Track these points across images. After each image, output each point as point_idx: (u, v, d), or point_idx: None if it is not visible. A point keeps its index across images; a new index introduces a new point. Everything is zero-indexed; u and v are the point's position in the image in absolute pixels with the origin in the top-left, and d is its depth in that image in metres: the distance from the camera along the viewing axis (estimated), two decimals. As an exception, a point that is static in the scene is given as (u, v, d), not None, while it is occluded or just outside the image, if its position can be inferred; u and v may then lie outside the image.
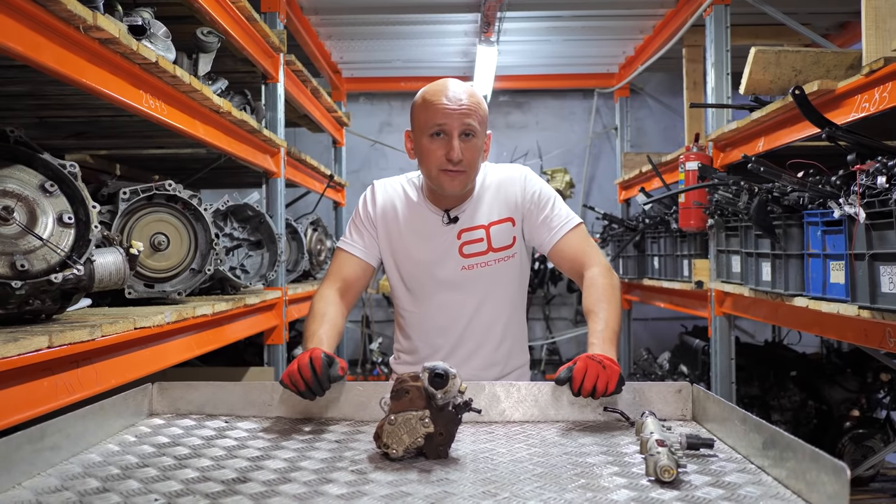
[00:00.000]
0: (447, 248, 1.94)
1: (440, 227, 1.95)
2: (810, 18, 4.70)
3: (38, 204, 1.76)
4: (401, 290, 2.01)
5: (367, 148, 6.95)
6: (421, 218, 1.96)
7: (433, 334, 1.98)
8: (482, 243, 1.94)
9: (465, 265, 1.94)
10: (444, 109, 1.81)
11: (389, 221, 1.98)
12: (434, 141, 1.83)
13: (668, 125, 6.81)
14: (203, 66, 2.68)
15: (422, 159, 1.88)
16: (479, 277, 1.94)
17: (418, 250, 1.96)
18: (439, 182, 1.86)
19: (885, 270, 2.14)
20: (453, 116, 1.81)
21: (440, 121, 1.81)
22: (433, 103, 1.83)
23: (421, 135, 1.86)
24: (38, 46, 1.67)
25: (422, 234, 1.96)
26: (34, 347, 1.55)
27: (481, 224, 1.94)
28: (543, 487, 1.18)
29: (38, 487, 1.17)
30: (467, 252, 1.94)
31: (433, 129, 1.82)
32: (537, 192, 1.96)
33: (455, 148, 1.80)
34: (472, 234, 1.94)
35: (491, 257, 1.94)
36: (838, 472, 0.99)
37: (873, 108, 2.39)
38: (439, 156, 1.83)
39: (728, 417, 1.43)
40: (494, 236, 1.94)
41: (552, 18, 5.26)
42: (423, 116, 1.85)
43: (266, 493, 1.15)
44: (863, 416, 4.02)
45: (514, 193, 1.96)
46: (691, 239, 4.19)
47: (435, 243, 1.95)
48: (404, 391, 1.35)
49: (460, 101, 1.82)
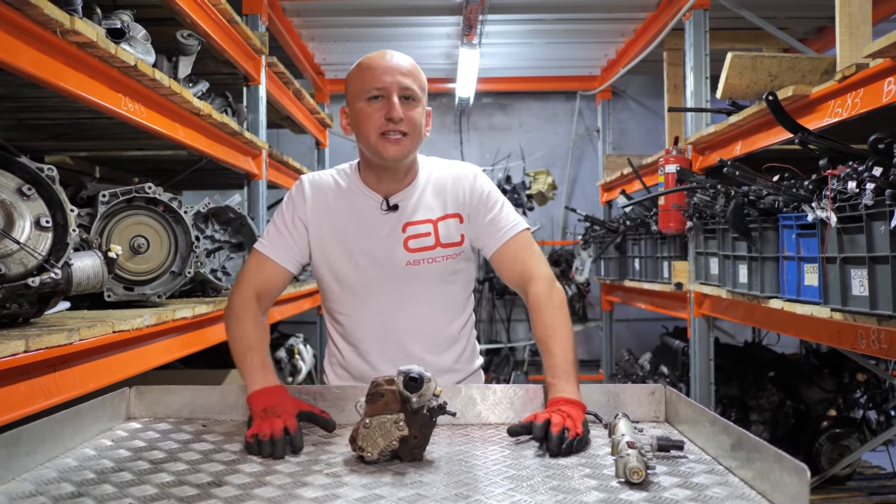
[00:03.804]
0: (390, 241, 1.81)
1: (379, 216, 1.82)
2: (788, 23, 4.76)
3: (16, 207, 1.76)
4: (335, 292, 1.85)
5: (350, 149, 6.94)
6: (357, 206, 1.83)
7: (374, 340, 1.83)
8: (429, 237, 1.82)
9: (411, 260, 1.80)
10: (383, 71, 1.72)
11: (322, 216, 1.83)
12: (372, 104, 1.72)
13: (650, 127, 6.86)
14: (183, 69, 2.69)
15: (359, 127, 1.76)
16: (426, 274, 1.82)
17: (357, 242, 1.81)
18: (379, 149, 1.73)
19: (856, 273, 2.18)
20: (392, 77, 1.72)
21: (378, 83, 1.71)
22: (370, 66, 1.74)
23: (357, 100, 1.75)
24: (15, 50, 1.67)
25: (360, 224, 1.82)
26: (10, 352, 1.55)
27: (428, 218, 1.83)
28: (515, 489, 1.19)
29: (12, 492, 1.17)
30: (413, 246, 1.81)
31: (370, 93, 1.72)
32: (486, 192, 1.86)
33: (395, 106, 1.70)
34: (418, 228, 1.82)
35: (439, 253, 1.82)
36: (800, 472, 1.01)
37: (846, 113, 2.43)
38: (377, 118, 1.71)
39: (699, 419, 1.45)
40: (442, 232, 1.82)
41: (534, 21, 5.29)
42: (358, 82, 1.75)
43: (241, 497, 1.16)
44: (840, 415, 4.07)
45: (462, 190, 1.86)
46: (671, 241, 4.23)
47: (375, 234, 1.81)
48: (379, 395, 1.37)
49: (399, 64, 1.74)
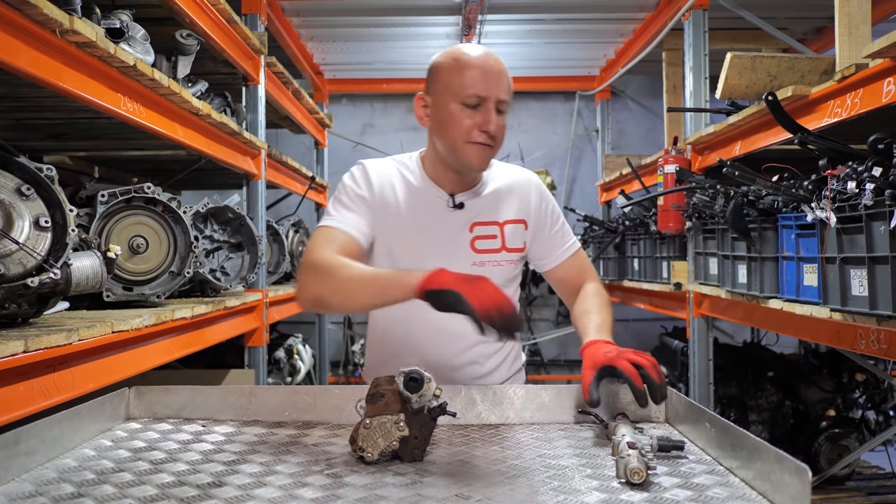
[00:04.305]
0: (456, 239, 1.76)
1: (445, 213, 1.76)
2: (787, 23, 4.76)
3: (15, 207, 1.76)
4: None
5: (349, 149, 6.95)
6: (424, 201, 1.75)
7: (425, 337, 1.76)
8: (496, 240, 1.78)
9: (477, 261, 1.76)
10: (485, 76, 1.62)
11: (389, 205, 1.74)
12: (466, 110, 1.63)
13: (649, 127, 6.87)
14: (182, 69, 2.68)
15: (444, 127, 1.67)
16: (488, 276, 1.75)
17: (422, 238, 1.74)
18: (463, 155, 1.66)
19: (855, 274, 2.18)
20: (495, 86, 1.63)
21: (479, 91, 1.62)
22: (471, 66, 1.63)
23: (449, 100, 1.64)
24: (14, 50, 1.67)
25: (426, 219, 1.75)
26: (10, 352, 1.55)
27: (495, 220, 1.79)
28: (516, 490, 1.19)
29: (12, 493, 1.17)
30: (480, 247, 1.77)
31: (470, 99, 1.62)
32: (551, 204, 1.87)
33: (493, 119, 1.63)
34: (486, 230, 1.78)
35: (503, 257, 1.79)
36: (801, 473, 1.01)
37: (845, 113, 2.44)
38: (469, 126, 1.63)
39: (699, 420, 1.45)
40: (508, 235, 1.79)
41: (533, 21, 5.29)
42: (457, 80, 1.63)
43: (241, 497, 1.16)
44: (839, 415, 4.08)
45: (529, 198, 1.83)
46: (670, 241, 4.23)
47: (441, 231, 1.75)
48: (380, 395, 1.36)
49: (500, 71, 1.65)
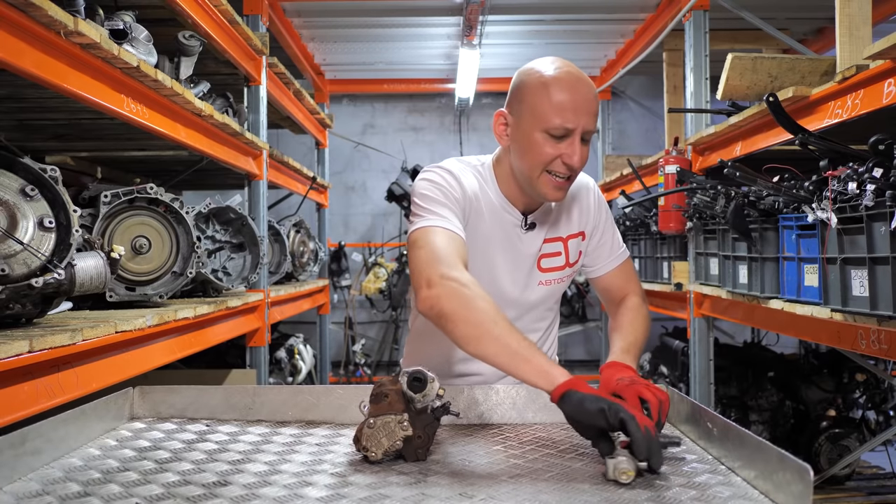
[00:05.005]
0: (526, 261, 1.68)
1: (521, 235, 1.68)
2: (788, 24, 4.77)
3: (19, 208, 1.76)
4: None
5: (350, 149, 6.96)
6: (500, 219, 1.66)
7: None
8: (560, 257, 1.71)
9: (543, 280, 1.70)
10: (576, 107, 1.51)
11: (474, 216, 1.63)
12: (550, 140, 1.52)
13: (650, 128, 6.88)
14: (185, 70, 2.69)
15: (525, 154, 1.56)
16: (550, 295, 1.72)
17: (494, 256, 1.66)
18: (539, 185, 1.57)
19: (856, 274, 2.19)
20: (584, 118, 1.52)
21: (568, 123, 1.51)
22: (562, 92, 1.51)
23: (534, 127, 1.53)
24: (18, 51, 1.68)
25: (500, 238, 1.67)
26: (14, 352, 1.55)
27: (560, 236, 1.71)
28: (519, 489, 1.20)
29: (18, 492, 1.17)
30: (545, 266, 1.70)
31: (557, 130, 1.51)
32: (606, 209, 1.79)
33: (577, 154, 1.52)
34: (552, 247, 1.70)
35: (566, 273, 1.71)
36: (802, 472, 1.02)
37: (846, 114, 2.44)
38: (551, 156, 1.53)
39: (700, 419, 1.46)
40: (571, 250, 1.72)
41: (534, 22, 5.30)
42: (546, 105, 1.51)
43: (246, 497, 1.17)
44: (839, 415, 4.09)
45: (589, 206, 1.75)
46: (671, 241, 4.24)
47: (514, 251, 1.67)
48: (383, 395, 1.37)
49: (589, 100, 1.53)
